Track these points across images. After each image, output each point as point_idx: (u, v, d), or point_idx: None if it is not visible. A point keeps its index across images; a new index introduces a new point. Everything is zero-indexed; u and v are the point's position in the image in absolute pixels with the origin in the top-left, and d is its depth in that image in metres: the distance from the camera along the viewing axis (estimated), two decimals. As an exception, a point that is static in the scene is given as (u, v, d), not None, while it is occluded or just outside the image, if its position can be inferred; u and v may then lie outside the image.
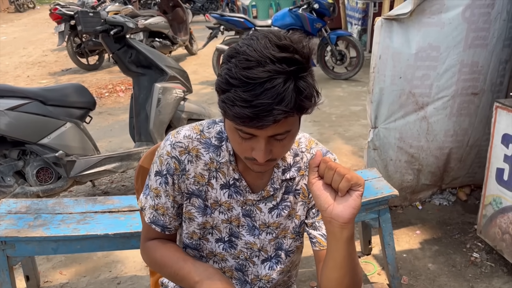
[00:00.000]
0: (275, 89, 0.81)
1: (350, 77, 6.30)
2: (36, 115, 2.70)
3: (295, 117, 0.90)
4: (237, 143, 0.95)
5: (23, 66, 7.80)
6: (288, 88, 0.81)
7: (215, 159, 1.08)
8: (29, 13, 16.73)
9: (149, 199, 1.13)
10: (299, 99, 0.84)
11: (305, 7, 6.09)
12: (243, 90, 0.81)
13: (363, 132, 4.33)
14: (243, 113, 0.82)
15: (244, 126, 0.86)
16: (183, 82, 3.23)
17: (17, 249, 1.95)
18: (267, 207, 1.10)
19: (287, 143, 0.94)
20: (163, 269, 1.13)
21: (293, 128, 0.93)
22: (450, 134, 2.78)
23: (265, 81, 0.81)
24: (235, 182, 1.08)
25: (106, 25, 2.96)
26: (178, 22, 7.85)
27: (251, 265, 1.16)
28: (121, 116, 4.98)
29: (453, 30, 2.47)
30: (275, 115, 0.81)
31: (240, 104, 0.82)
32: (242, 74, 0.81)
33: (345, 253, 0.94)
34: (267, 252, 1.15)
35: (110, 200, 2.24)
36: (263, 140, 0.89)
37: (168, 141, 1.09)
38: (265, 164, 0.95)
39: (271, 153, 0.93)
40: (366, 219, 2.20)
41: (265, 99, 0.80)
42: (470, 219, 2.86)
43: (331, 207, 0.89)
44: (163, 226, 1.14)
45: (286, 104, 0.81)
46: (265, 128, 0.85)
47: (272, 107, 0.81)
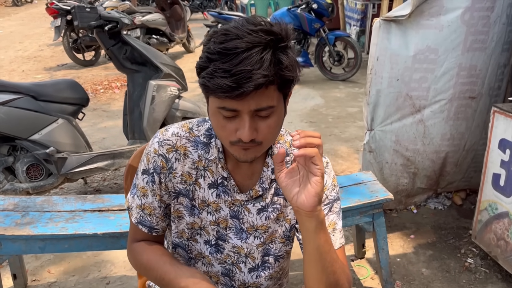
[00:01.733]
0: (253, 57, 0.82)
1: (347, 78, 6.27)
2: (27, 111, 2.66)
3: (278, 93, 0.89)
4: (221, 127, 0.92)
5: (18, 61, 7.73)
6: (266, 55, 0.83)
7: (203, 157, 1.05)
8: (26, 7, 16.62)
9: (136, 199, 1.10)
10: (278, 68, 0.85)
11: (304, 7, 6.06)
12: (222, 62, 0.82)
13: (360, 134, 4.30)
14: (223, 83, 0.82)
15: (226, 98, 0.85)
16: (178, 80, 3.19)
17: (3, 248, 1.90)
18: (255, 208, 1.07)
19: (272, 123, 0.92)
20: (149, 272, 1.09)
21: (277, 106, 0.91)
22: (446, 137, 2.75)
23: (243, 51, 0.82)
24: (223, 181, 1.05)
25: (101, 20, 2.91)
26: (176, 19, 7.79)
27: (238, 271, 1.13)
28: (115, 113, 4.93)
29: (451, 33, 2.44)
30: (255, 80, 0.81)
31: (220, 75, 0.82)
32: (221, 47, 0.83)
33: (316, 245, 0.93)
34: (254, 260, 1.12)
35: (100, 198, 2.20)
36: (247, 115, 0.88)
37: (156, 138, 1.06)
38: (251, 148, 0.93)
39: (257, 133, 0.90)
40: (360, 222, 2.17)
41: (244, 67, 0.81)
42: (465, 224, 2.84)
43: (295, 197, 0.89)
44: (150, 227, 1.11)
45: (265, 68, 0.82)
46: (246, 97, 0.84)
47: (251, 73, 0.81)
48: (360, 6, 7.29)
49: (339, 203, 1.09)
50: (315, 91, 5.84)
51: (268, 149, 1.06)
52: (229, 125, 0.90)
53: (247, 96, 0.84)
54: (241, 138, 0.89)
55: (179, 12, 7.81)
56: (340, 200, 1.11)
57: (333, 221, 1.07)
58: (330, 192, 1.07)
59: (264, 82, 0.83)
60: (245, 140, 0.89)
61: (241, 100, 0.85)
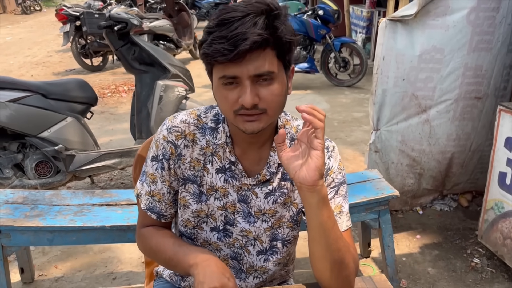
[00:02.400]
0: (248, 22, 0.87)
1: (353, 84, 6.29)
2: (37, 108, 2.70)
3: (277, 61, 0.93)
4: (224, 99, 0.94)
5: (27, 66, 7.83)
6: (260, 19, 0.88)
7: (211, 142, 1.06)
8: (35, 15, 16.83)
9: (145, 185, 1.11)
10: (273, 30, 0.89)
11: (310, 13, 6.11)
12: (220, 31, 0.88)
13: (365, 138, 4.31)
14: (221, 47, 0.87)
15: (225, 63, 0.88)
16: (186, 81, 3.23)
17: (12, 239, 1.92)
18: (263, 192, 1.08)
19: (274, 90, 0.93)
20: (157, 255, 1.11)
21: (278, 74, 0.94)
22: (452, 138, 2.76)
23: (238, 19, 0.87)
24: (230, 165, 1.06)
25: (110, 21, 2.96)
26: (183, 26, 7.87)
27: (246, 254, 1.14)
28: (122, 116, 4.97)
29: (457, 33, 2.46)
30: (251, 38, 0.86)
31: (218, 42, 0.87)
32: (218, 19, 0.89)
33: (319, 221, 0.94)
34: (262, 243, 1.13)
35: (108, 193, 2.22)
36: (247, 81, 0.91)
37: (165, 125, 1.08)
38: (256, 118, 0.94)
39: (259, 99, 0.92)
40: (366, 219, 2.18)
41: (239, 30, 0.86)
42: (472, 225, 2.83)
43: (297, 173, 0.90)
44: (158, 213, 1.12)
45: (259, 29, 0.87)
46: (244, 61, 0.88)
47: (246, 34, 0.86)
48: (366, 14, 7.35)
49: (345, 186, 1.10)
50: (320, 97, 5.87)
51: (274, 133, 1.08)
52: (231, 95, 0.93)
53: (244, 58, 0.88)
54: (243, 103, 0.91)
55: (186, 19, 7.89)
56: (346, 184, 1.12)
57: (339, 204, 1.08)
58: (337, 176, 1.08)
59: (259, 40, 0.86)
60: (247, 104, 0.90)
61: (240, 64, 0.88)
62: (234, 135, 1.06)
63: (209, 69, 0.96)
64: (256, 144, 1.06)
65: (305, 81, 6.65)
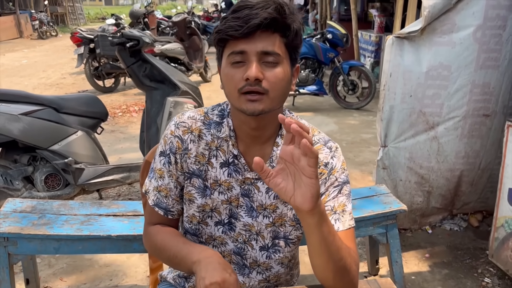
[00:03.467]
0: (261, 6, 0.95)
1: (361, 107, 6.32)
2: (48, 121, 2.75)
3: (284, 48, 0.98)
4: (230, 78, 0.99)
5: (41, 87, 7.99)
6: (273, 5, 0.95)
7: (215, 136, 1.09)
8: (51, 40, 17.28)
9: (153, 181, 1.14)
10: (283, 16, 0.96)
11: (319, 37, 6.20)
12: (234, 13, 0.96)
13: (374, 158, 4.28)
14: (233, 24, 0.94)
15: (236, 37, 0.95)
16: (195, 98, 3.27)
17: (19, 247, 1.93)
18: (265, 186, 1.09)
19: (278, 73, 0.98)
20: (162, 252, 1.12)
21: (283, 59, 0.99)
22: (461, 155, 2.74)
23: (253, 5, 0.95)
24: (234, 159, 1.08)
25: (123, 38, 3.04)
26: (194, 49, 8.02)
27: (250, 249, 1.14)
28: (132, 135, 5.03)
29: (464, 50, 2.48)
30: (261, 15, 0.93)
31: (232, 20, 0.95)
32: (234, 8, 0.97)
33: (320, 238, 0.91)
34: (264, 239, 1.13)
35: (115, 204, 2.24)
36: (254, 56, 0.96)
37: (173, 121, 1.12)
38: (258, 98, 0.97)
39: (263, 76, 0.96)
40: (373, 233, 2.15)
41: (252, 11, 0.94)
42: (482, 245, 2.78)
43: (293, 198, 0.85)
44: (166, 209, 1.14)
45: (272, 9, 0.94)
46: (253, 38, 0.95)
47: (257, 14, 0.93)
48: (374, 38, 7.43)
49: (348, 186, 1.11)
50: (329, 119, 5.89)
51: (278, 130, 1.09)
52: (237, 73, 0.97)
53: (254, 36, 0.94)
54: (248, 76, 0.95)
55: (197, 43, 8.05)
56: (349, 184, 1.12)
57: (342, 203, 1.08)
58: (340, 175, 1.09)
59: (269, 17, 0.93)
60: (251, 77, 0.94)
61: (249, 40, 0.95)
62: (238, 129, 1.08)
63: (220, 52, 1.02)
64: (259, 139, 1.08)
65: (313, 103, 6.69)
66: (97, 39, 6.63)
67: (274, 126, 1.08)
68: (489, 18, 2.44)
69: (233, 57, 0.97)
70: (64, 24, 22.82)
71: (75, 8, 25.09)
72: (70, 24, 22.31)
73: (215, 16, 15.55)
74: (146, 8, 8.60)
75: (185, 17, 8.17)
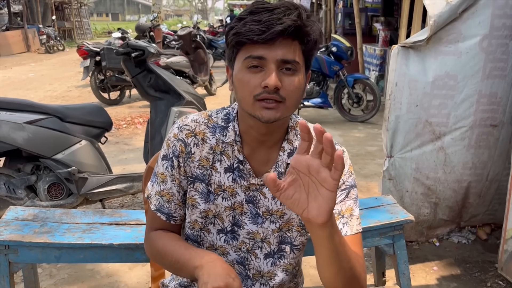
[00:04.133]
0: (283, 12, 0.91)
1: (366, 120, 6.30)
2: (52, 130, 2.74)
3: (302, 56, 0.96)
4: (246, 83, 0.95)
5: (47, 99, 8.04)
6: (293, 12, 0.92)
7: (220, 140, 1.06)
8: (58, 54, 17.46)
9: (156, 186, 1.11)
10: (303, 25, 0.93)
11: (323, 50, 6.22)
12: (254, 16, 0.92)
13: (379, 170, 4.25)
14: (255, 27, 0.90)
15: (257, 42, 0.91)
16: (199, 108, 3.26)
17: (20, 255, 1.90)
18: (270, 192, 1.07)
19: (296, 82, 0.96)
20: (164, 258, 1.09)
21: (301, 67, 0.97)
22: (468, 166, 2.70)
23: (273, 9, 0.91)
24: (239, 165, 1.06)
25: (128, 48, 3.05)
26: (199, 63, 8.07)
27: (253, 258, 1.11)
28: (137, 146, 5.02)
29: (470, 60, 2.47)
30: (285, 22, 0.90)
31: (252, 23, 0.91)
32: (252, 8, 0.94)
33: (331, 249, 0.87)
34: (270, 245, 1.10)
35: (118, 213, 2.21)
36: (273, 64, 0.93)
37: (176, 124, 1.10)
38: (274, 106, 0.94)
39: (282, 85, 0.94)
40: (379, 244, 2.11)
41: (274, 16, 0.91)
42: (491, 258, 2.72)
43: (306, 211, 0.80)
44: (168, 214, 1.11)
45: (295, 15, 0.91)
46: (274, 44, 0.92)
47: (280, 20, 0.90)
48: (379, 52, 7.45)
49: (355, 190, 1.08)
50: (334, 131, 5.87)
51: (284, 134, 1.07)
52: (254, 79, 0.94)
53: (275, 42, 0.91)
54: (268, 84, 0.92)
55: (202, 56, 8.10)
56: (356, 188, 1.09)
57: (350, 207, 1.05)
58: (347, 179, 1.06)
59: (293, 25, 0.90)
60: (271, 86, 0.92)
61: (270, 47, 0.92)
62: (244, 134, 1.06)
63: (234, 53, 0.98)
64: (266, 143, 1.06)
65: (318, 116, 6.68)
66: (103, 52, 6.69)
67: (282, 131, 1.06)
68: (495, 27, 2.43)
69: (250, 61, 0.94)
70: (71, 38, 23.11)
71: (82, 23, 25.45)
72: (77, 39, 22.58)
73: (220, 31, 15.70)
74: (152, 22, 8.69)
75: (190, 30, 8.25)
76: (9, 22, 18.73)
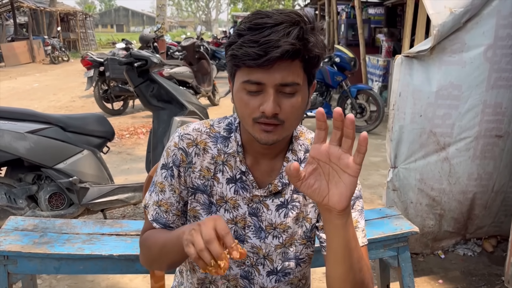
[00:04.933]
0: (281, 30, 0.85)
1: (370, 130, 6.27)
2: (54, 140, 2.73)
3: (303, 74, 0.91)
4: (244, 105, 0.92)
5: (51, 110, 8.06)
6: (294, 29, 0.86)
7: (222, 150, 1.04)
8: (63, 65, 17.58)
9: (154, 195, 1.08)
10: (304, 43, 0.87)
11: (326, 60, 6.22)
12: (252, 35, 0.87)
13: (383, 181, 4.21)
14: (251, 51, 0.85)
15: (253, 67, 0.86)
16: (202, 118, 3.26)
17: (19, 266, 1.88)
18: (274, 204, 1.04)
19: (296, 103, 0.92)
20: (152, 249, 1.04)
21: (302, 87, 0.92)
22: (473, 177, 2.67)
23: (272, 26, 0.86)
24: (241, 176, 1.03)
25: (131, 58, 3.05)
26: (203, 73, 8.09)
27: (257, 274, 1.08)
28: (139, 156, 5.01)
29: (474, 70, 2.45)
30: (282, 46, 0.84)
31: (249, 45, 0.85)
32: (251, 23, 0.88)
33: (345, 241, 0.86)
34: (272, 262, 1.07)
35: (119, 223, 2.19)
36: (271, 89, 0.89)
37: (177, 133, 1.07)
38: (273, 129, 0.91)
39: (280, 109, 0.90)
40: (384, 256, 2.07)
41: (272, 37, 0.84)
42: (497, 271, 2.67)
43: (326, 198, 0.80)
44: (165, 225, 1.08)
45: (292, 39, 0.85)
46: (272, 68, 0.86)
47: (278, 42, 0.85)
48: (382, 63, 7.45)
49: (361, 201, 1.06)
50: (337, 142, 5.83)
51: (288, 144, 1.05)
52: (252, 101, 0.91)
53: (272, 66, 0.86)
54: (265, 111, 0.89)
55: (205, 67, 8.13)
56: (362, 199, 1.07)
57: (355, 219, 1.03)
58: None
59: (291, 50, 0.85)
60: (269, 112, 0.88)
61: (267, 71, 0.87)
62: (247, 145, 1.03)
63: (233, 71, 0.95)
64: (269, 155, 1.04)
65: (321, 126, 6.65)
66: (106, 62, 6.72)
67: (285, 142, 1.04)
68: (500, 37, 2.41)
69: (248, 86, 0.90)
70: (76, 49, 23.30)
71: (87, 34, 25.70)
72: (82, 50, 22.75)
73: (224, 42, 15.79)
74: (156, 33, 8.72)
75: (194, 41, 8.29)
76: (14, 33, 18.92)
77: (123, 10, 72.66)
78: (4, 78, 12.40)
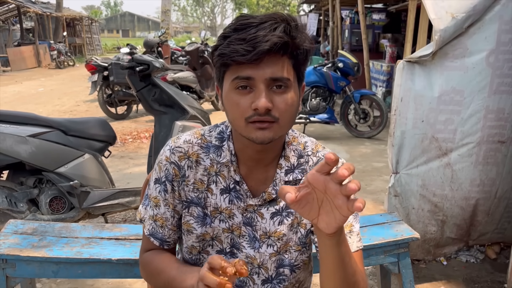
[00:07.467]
0: (268, 26, 0.86)
1: (373, 135, 6.25)
2: (56, 144, 2.74)
3: (293, 71, 0.92)
4: (235, 105, 0.91)
5: (55, 114, 8.09)
6: (280, 26, 0.87)
7: (215, 161, 1.02)
8: (68, 69, 17.68)
9: (149, 209, 1.08)
10: (291, 37, 0.88)
11: (330, 65, 6.22)
12: (238, 34, 0.87)
13: (385, 187, 4.17)
14: (239, 48, 0.85)
15: (242, 63, 0.86)
16: (204, 122, 3.26)
17: (17, 269, 1.88)
18: (269, 212, 1.03)
19: (288, 99, 0.91)
20: (159, 276, 1.06)
21: (292, 83, 0.92)
22: (476, 183, 2.64)
23: (257, 24, 0.87)
24: (235, 185, 1.02)
25: (133, 62, 3.06)
26: (206, 78, 8.11)
27: (251, 283, 1.07)
28: (142, 161, 5.01)
29: (477, 75, 2.43)
30: (270, 40, 0.85)
31: (236, 42, 0.86)
32: (236, 25, 0.89)
33: (336, 259, 0.86)
34: (267, 271, 1.06)
35: (118, 227, 2.18)
36: (262, 84, 0.88)
37: (168, 146, 1.05)
38: (267, 126, 0.90)
39: (273, 105, 0.89)
40: (384, 262, 2.05)
41: (259, 33, 0.85)
42: (500, 278, 2.64)
43: (316, 220, 0.79)
44: (161, 240, 1.08)
45: (280, 31, 0.86)
46: (261, 63, 0.87)
47: (266, 37, 0.85)
48: (386, 68, 7.44)
49: None
50: (340, 147, 5.82)
51: (281, 151, 1.04)
52: (243, 101, 0.90)
53: (262, 61, 0.86)
54: (257, 106, 0.88)
55: (209, 72, 8.15)
56: None
57: (349, 223, 1.02)
58: None
59: (279, 42, 0.85)
60: (261, 108, 0.87)
61: (257, 66, 0.87)
62: (239, 153, 1.02)
63: (221, 73, 0.94)
64: (262, 162, 1.02)
65: (324, 131, 6.65)
66: (111, 67, 6.76)
67: (278, 148, 1.03)
68: (502, 42, 2.40)
69: (238, 82, 0.90)
70: (81, 54, 23.45)
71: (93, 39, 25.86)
72: (88, 55, 22.88)
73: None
74: (160, 38, 8.75)
75: (197, 46, 8.32)
76: (21, 38, 19.06)
77: (129, 16, 73.15)
78: (10, 82, 12.49)
